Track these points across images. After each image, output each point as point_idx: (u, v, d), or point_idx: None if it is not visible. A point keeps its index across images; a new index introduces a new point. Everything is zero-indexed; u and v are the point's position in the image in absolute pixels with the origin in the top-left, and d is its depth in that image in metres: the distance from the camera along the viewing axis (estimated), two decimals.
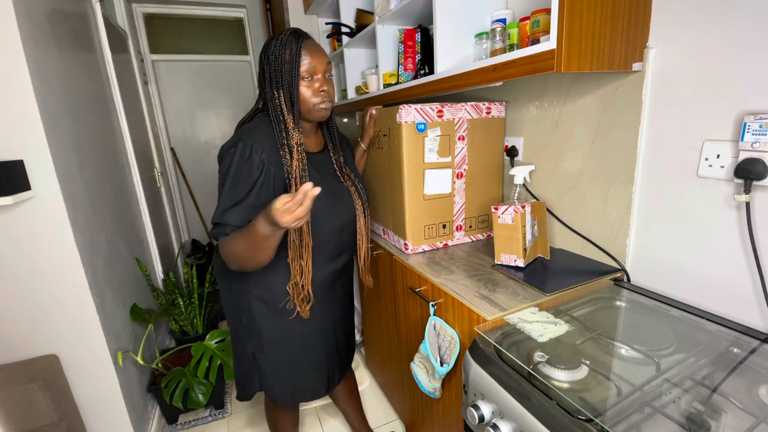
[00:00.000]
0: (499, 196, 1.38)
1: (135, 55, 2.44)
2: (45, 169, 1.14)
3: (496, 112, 1.30)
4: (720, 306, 0.85)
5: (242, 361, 1.17)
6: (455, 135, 1.25)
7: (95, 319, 1.29)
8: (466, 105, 1.25)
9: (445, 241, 1.33)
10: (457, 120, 1.24)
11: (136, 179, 2.01)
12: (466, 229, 1.35)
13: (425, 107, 1.19)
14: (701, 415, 0.60)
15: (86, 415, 1.35)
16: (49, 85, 1.20)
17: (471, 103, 1.26)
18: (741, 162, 0.74)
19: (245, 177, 0.95)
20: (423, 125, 1.19)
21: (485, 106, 1.28)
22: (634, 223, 1.00)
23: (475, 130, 1.28)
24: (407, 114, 1.16)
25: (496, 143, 1.33)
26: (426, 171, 1.23)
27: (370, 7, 1.82)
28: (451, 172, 1.27)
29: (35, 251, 1.18)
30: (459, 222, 1.33)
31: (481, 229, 1.38)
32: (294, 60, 1.00)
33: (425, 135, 1.20)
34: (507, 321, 0.86)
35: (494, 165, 1.35)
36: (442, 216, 1.29)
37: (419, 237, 1.28)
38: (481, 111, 1.27)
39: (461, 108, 1.24)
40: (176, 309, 1.87)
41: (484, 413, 0.73)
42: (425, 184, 1.24)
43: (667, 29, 0.86)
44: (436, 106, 1.20)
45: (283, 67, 1.00)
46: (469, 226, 1.36)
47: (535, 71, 0.85)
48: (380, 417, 1.71)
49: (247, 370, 1.17)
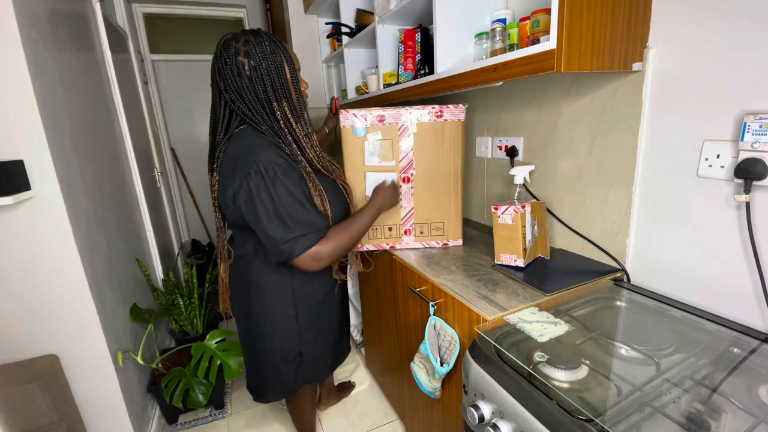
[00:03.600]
0: (458, 204, 1.28)
1: (135, 55, 2.44)
2: (45, 169, 1.14)
3: (450, 116, 1.21)
4: (720, 306, 0.85)
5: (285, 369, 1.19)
6: (398, 139, 1.22)
7: (95, 319, 1.29)
8: (409, 108, 1.21)
9: (391, 243, 1.33)
10: (400, 124, 1.21)
11: (136, 179, 2.01)
12: (416, 235, 1.31)
13: (366, 112, 1.22)
14: (701, 415, 0.60)
15: (86, 415, 1.35)
16: (49, 85, 1.20)
17: (419, 107, 1.21)
18: (741, 162, 0.74)
19: (294, 186, 0.94)
20: (362, 130, 1.23)
21: (435, 109, 1.21)
22: (634, 223, 1.00)
23: (424, 135, 1.22)
24: (345, 119, 1.22)
25: (452, 148, 1.24)
26: (366, 173, 1.26)
27: (370, 7, 1.82)
28: (396, 175, 1.26)
29: (35, 251, 1.18)
30: (408, 226, 1.31)
31: (435, 236, 1.32)
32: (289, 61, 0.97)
33: (365, 139, 1.23)
34: (507, 321, 0.86)
35: (451, 171, 1.26)
36: (387, 218, 1.29)
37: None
38: (436, 114, 1.20)
39: (403, 112, 1.20)
40: (176, 309, 1.87)
41: (484, 413, 0.73)
42: (366, 186, 1.27)
43: (667, 29, 0.86)
44: (377, 111, 1.21)
45: (282, 75, 0.95)
46: (420, 232, 1.31)
47: (535, 71, 0.85)
48: (380, 417, 1.71)
49: (292, 374, 1.20)
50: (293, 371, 1.20)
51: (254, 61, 0.94)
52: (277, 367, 1.18)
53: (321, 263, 0.97)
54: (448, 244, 1.32)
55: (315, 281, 1.15)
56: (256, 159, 0.92)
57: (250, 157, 0.93)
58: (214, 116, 1.04)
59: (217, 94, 1.01)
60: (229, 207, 1.00)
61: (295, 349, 1.17)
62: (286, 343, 1.15)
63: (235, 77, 0.95)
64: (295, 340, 1.16)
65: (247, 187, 0.93)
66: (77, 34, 1.54)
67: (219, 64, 0.96)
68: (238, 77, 0.95)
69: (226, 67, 0.94)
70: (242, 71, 0.94)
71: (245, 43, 0.94)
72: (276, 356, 1.16)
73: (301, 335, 1.16)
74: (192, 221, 3.43)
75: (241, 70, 0.94)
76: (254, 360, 1.21)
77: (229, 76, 0.95)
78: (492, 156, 1.45)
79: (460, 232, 1.31)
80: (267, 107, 0.97)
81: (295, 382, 1.23)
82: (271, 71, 0.95)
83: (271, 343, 1.15)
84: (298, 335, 1.16)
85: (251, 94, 0.96)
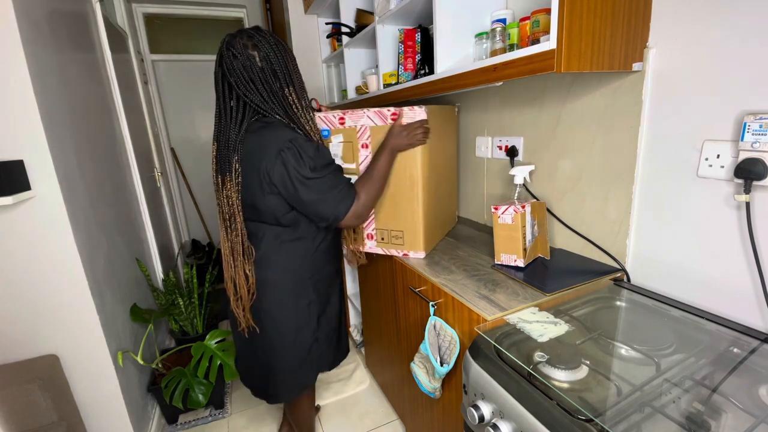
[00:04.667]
0: (419, 215, 1.19)
1: (135, 55, 2.44)
2: (45, 169, 1.14)
3: (407, 119, 1.12)
4: (720, 306, 0.85)
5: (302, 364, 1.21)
6: (358, 143, 1.20)
7: (95, 319, 1.29)
8: (368, 111, 1.16)
9: (358, 246, 1.33)
10: (358, 127, 1.18)
11: (136, 179, 2.01)
12: (378, 240, 1.29)
13: (328, 114, 1.22)
14: (701, 415, 0.60)
15: (86, 415, 1.35)
16: (49, 85, 1.20)
17: (374, 110, 1.15)
18: (741, 162, 0.74)
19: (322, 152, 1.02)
20: (326, 131, 1.24)
21: (390, 112, 1.14)
22: (634, 223, 1.00)
23: (380, 138, 1.15)
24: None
25: (410, 154, 1.15)
26: None
27: (370, 7, 1.82)
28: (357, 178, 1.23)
29: (35, 251, 1.18)
30: (369, 230, 1.30)
31: (395, 244, 1.26)
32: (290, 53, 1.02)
33: (329, 141, 1.24)
34: (507, 321, 0.86)
35: (410, 178, 1.17)
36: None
37: None
38: (385, 118, 1.14)
39: (363, 115, 1.17)
40: (176, 309, 1.87)
41: (484, 413, 0.73)
42: None
43: (667, 29, 0.86)
44: (338, 114, 1.21)
45: (288, 64, 1.00)
46: (381, 238, 1.28)
47: (535, 71, 0.85)
48: (380, 417, 1.71)
49: (308, 367, 1.23)
50: (309, 364, 1.23)
51: (263, 52, 0.98)
52: (294, 364, 1.20)
53: (363, 218, 1.08)
54: (408, 254, 1.26)
55: (327, 266, 1.21)
56: (284, 138, 0.98)
57: (278, 138, 0.98)
58: (221, 118, 1.04)
59: (227, 92, 1.02)
60: (259, 193, 1.02)
61: (310, 339, 1.20)
62: (302, 336, 1.18)
63: (248, 70, 0.98)
64: (310, 330, 1.19)
65: (282, 166, 0.97)
66: (77, 34, 1.54)
67: (228, 61, 0.98)
68: (251, 69, 0.98)
69: (236, 61, 0.97)
70: (254, 63, 0.98)
71: (250, 38, 0.98)
72: (295, 352, 1.18)
73: (313, 323, 1.20)
74: (192, 221, 3.43)
75: (252, 62, 0.98)
76: (269, 364, 1.19)
77: (241, 70, 0.98)
78: (492, 156, 1.45)
79: (421, 244, 1.22)
80: (279, 93, 1.02)
81: (311, 374, 1.26)
82: (280, 60, 0.99)
83: (290, 341, 1.16)
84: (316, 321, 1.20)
85: (264, 84, 1.00)
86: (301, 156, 0.97)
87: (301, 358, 1.20)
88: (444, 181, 1.38)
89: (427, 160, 1.18)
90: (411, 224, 1.22)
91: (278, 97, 1.02)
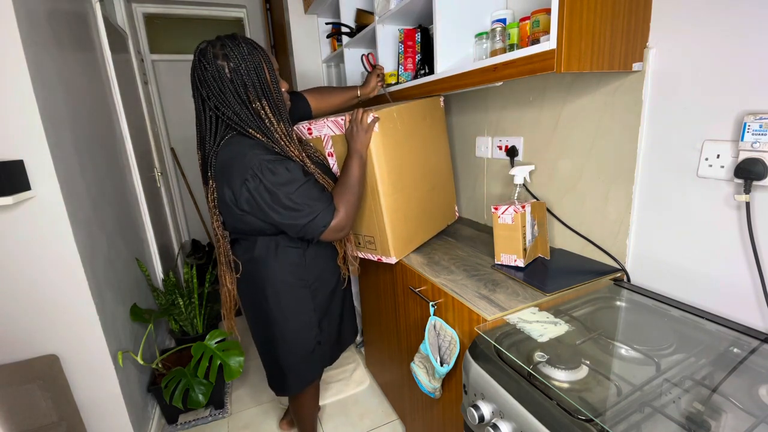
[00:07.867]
0: (382, 222, 1.17)
1: (135, 55, 2.44)
2: (45, 169, 1.14)
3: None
4: (720, 306, 0.85)
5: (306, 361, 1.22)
6: (324, 151, 1.22)
7: (95, 319, 1.29)
8: (327, 121, 1.16)
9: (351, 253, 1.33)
10: (323, 137, 1.20)
11: (136, 179, 2.01)
12: (355, 244, 1.31)
13: (299, 125, 1.23)
14: (701, 415, 0.60)
15: (86, 415, 1.35)
16: (49, 85, 1.20)
17: (332, 119, 1.15)
18: (741, 162, 0.74)
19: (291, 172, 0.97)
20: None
21: (343, 120, 1.13)
22: (634, 223, 1.00)
23: (340, 147, 1.17)
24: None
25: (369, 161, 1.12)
26: None
27: (370, 7, 1.81)
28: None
29: (35, 251, 1.18)
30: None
31: (369, 249, 1.26)
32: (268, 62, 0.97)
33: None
34: (507, 321, 0.86)
35: (370, 186, 1.14)
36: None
37: None
38: (341, 126, 1.14)
39: (324, 125, 1.17)
40: (176, 309, 1.87)
41: (484, 413, 0.73)
42: None
43: (667, 29, 0.86)
44: (306, 124, 1.22)
45: (261, 75, 0.96)
46: (358, 243, 1.29)
47: (535, 71, 0.85)
48: (380, 417, 1.71)
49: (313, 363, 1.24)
50: (314, 361, 1.24)
51: (233, 63, 0.94)
52: (298, 361, 1.22)
53: (344, 230, 1.04)
54: (381, 259, 1.25)
55: (326, 273, 1.21)
56: (249, 165, 0.94)
57: (243, 163, 0.95)
58: (200, 128, 1.03)
59: (201, 103, 1.00)
60: (234, 213, 1.02)
61: (314, 340, 1.21)
62: (306, 336, 1.19)
63: (217, 81, 0.94)
64: (314, 331, 1.20)
65: (247, 193, 0.96)
66: (77, 34, 1.54)
67: (199, 72, 0.95)
68: (220, 81, 0.94)
69: (206, 73, 0.94)
70: (223, 74, 0.94)
71: (222, 47, 0.94)
72: (298, 351, 1.20)
73: (318, 325, 1.21)
74: (192, 221, 3.43)
75: (222, 74, 0.94)
76: (275, 359, 1.23)
77: (211, 81, 0.95)
78: (492, 156, 1.45)
79: (391, 250, 1.20)
80: (249, 107, 0.97)
81: (316, 369, 1.28)
82: (251, 72, 0.95)
83: (292, 340, 1.18)
84: (317, 326, 1.21)
85: (234, 96, 0.96)
86: (268, 182, 0.94)
87: (305, 356, 1.22)
88: (428, 177, 1.33)
89: (385, 165, 1.12)
90: (378, 231, 1.20)
91: (249, 111, 0.97)
